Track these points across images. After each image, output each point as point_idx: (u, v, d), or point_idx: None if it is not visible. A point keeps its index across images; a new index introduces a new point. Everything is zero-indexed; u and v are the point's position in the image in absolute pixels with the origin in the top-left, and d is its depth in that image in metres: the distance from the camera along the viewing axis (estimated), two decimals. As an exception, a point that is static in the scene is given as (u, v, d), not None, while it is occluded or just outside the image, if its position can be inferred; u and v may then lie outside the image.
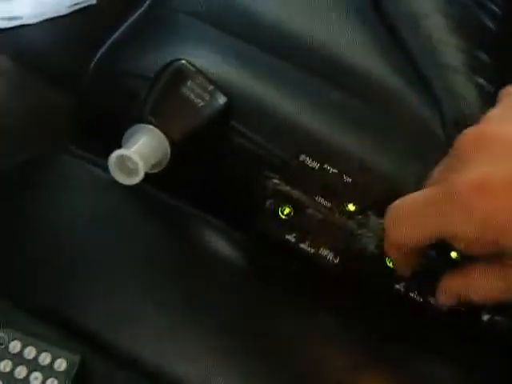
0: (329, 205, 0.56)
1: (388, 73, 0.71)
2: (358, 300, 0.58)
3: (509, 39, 0.78)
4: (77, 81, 0.71)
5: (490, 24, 0.77)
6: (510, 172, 0.42)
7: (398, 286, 0.56)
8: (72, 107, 0.72)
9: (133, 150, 0.54)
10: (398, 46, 0.74)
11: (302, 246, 0.56)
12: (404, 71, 0.72)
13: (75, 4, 0.95)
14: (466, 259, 0.50)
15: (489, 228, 0.43)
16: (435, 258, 0.52)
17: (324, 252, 0.56)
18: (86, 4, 0.94)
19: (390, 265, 0.55)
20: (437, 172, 0.50)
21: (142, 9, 0.71)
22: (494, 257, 0.46)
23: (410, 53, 0.73)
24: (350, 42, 0.72)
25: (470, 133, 0.45)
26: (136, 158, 0.53)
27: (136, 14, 0.70)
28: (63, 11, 0.96)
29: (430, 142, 0.67)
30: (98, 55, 0.66)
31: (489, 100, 0.69)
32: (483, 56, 0.74)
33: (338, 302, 0.58)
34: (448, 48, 0.73)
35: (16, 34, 0.90)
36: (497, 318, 0.56)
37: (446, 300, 0.52)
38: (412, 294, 0.55)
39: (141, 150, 0.54)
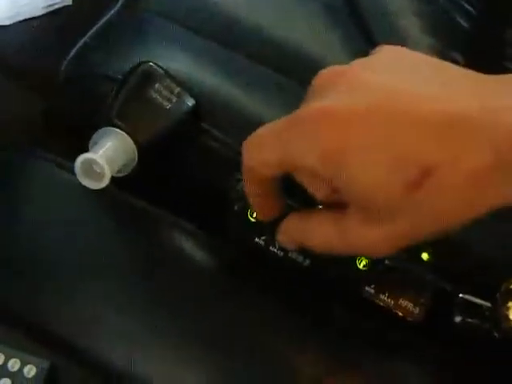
0: (297, 206, 0.56)
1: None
2: (328, 302, 0.57)
3: (483, 39, 0.78)
4: (47, 83, 0.70)
5: (465, 24, 0.77)
6: (351, 106, 0.41)
7: (367, 289, 0.55)
8: (42, 109, 0.71)
9: (99, 154, 0.53)
10: (370, 45, 0.73)
11: (271, 248, 0.56)
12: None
13: (50, 5, 0.94)
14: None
15: (327, 159, 0.42)
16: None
17: (293, 255, 0.56)
18: (61, 5, 0.93)
19: (361, 267, 0.55)
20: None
21: (113, 11, 0.71)
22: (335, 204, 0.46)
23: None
24: (322, 42, 0.72)
25: (323, 71, 0.46)
26: (102, 162, 0.52)
27: (106, 16, 0.70)
28: (38, 12, 0.95)
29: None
30: (69, 56, 0.66)
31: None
32: (457, 56, 0.74)
33: (308, 304, 0.58)
34: (422, 48, 0.73)
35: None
36: (469, 320, 0.55)
37: (286, 242, 0.51)
38: (382, 296, 0.55)
39: (107, 154, 0.53)
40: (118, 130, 0.55)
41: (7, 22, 0.94)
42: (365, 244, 0.44)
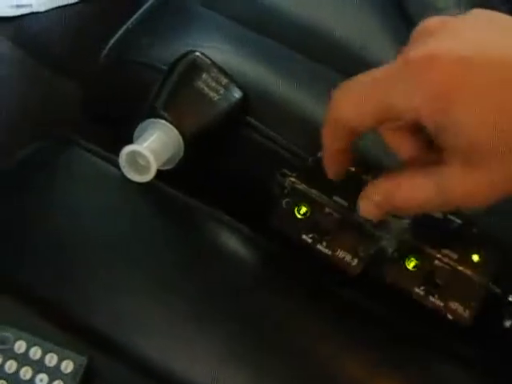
0: (346, 204, 0.55)
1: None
2: (376, 302, 0.56)
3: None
4: (86, 70, 0.69)
5: (502, 7, 0.75)
6: (458, 51, 0.41)
7: (417, 290, 0.54)
8: (81, 97, 0.70)
9: (144, 145, 0.52)
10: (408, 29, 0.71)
11: (318, 246, 0.54)
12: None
13: (85, -8, 0.93)
14: None
15: (435, 101, 0.41)
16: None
17: (341, 254, 0.54)
18: (96, -8, 0.92)
19: (410, 268, 0.54)
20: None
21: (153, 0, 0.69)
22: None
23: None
24: (368, 36, 0.70)
25: (427, 20, 0.45)
26: (148, 154, 0.51)
27: (148, 3, 0.68)
28: (72, 0, 0.94)
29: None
30: (110, 44, 0.65)
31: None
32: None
33: (356, 304, 0.56)
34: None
35: (25, 21, 0.88)
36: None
37: (368, 209, 0.49)
38: (432, 299, 0.53)
39: (153, 147, 0.52)
40: (164, 121, 0.53)
41: (42, 9, 0.93)
42: (464, 193, 0.43)
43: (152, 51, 0.63)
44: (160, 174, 0.55)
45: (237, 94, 0.56)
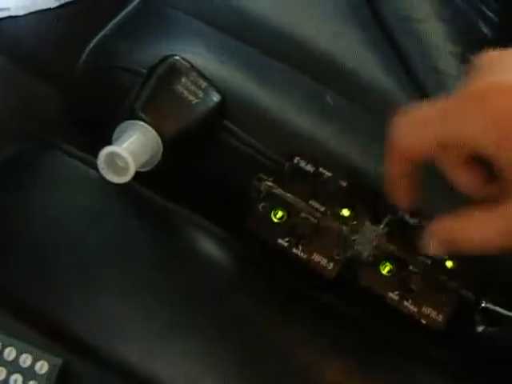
0: (322, 209, 0.55)
1: (383, 76, 0.71)
2: (352, 306, 0.56)
3: (504, 46, 0.77)
4: (65, 74, 0.69)
5: (486, 30, 0.76)
6: None
7: (391, 295, 0.54)
8: (60, 101, 0.70)
9: (123, 147, 0.52)
10: (393, 50, 0.72)
11: (294, 250, 0.55)
12: (399, 75, 0.71)
13: (64, -3, 0.93)
14: None
15: (501, 130, 0.41)
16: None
17: (317, 258, 0.55)
18: (75, -3, 0.92)
19: (385, 273, 0.54)
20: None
21: (134, 3, 0.69)
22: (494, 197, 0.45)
23: (406, 57, 0.73)
24: (346, 45, 0.71)
25: (486, 53, 0.46)
26: (126, 155, 0.51)
27: (127, 9, 0.68)
28: (52, 4, 0.94)
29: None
30: (89, 48, 0.65)
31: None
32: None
33: (332, 308, 0.57)
34: (443, 53, 0.73)
35: (3, 25, 0.88)
36: (491, 329, 0.55)
37: (433, 247, 0.48)
38: (406, 304, 0.54)
39: (131, 148, 0.52)
40: (143, 123, 0.53)
41: (21, 13, 0.93)
42: None
43: (131, 56, 0.63)
44: (138, 175, 0.55)
45: (215, 97, 0.57)
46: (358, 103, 0.67)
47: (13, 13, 0.92)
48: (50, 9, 0.92)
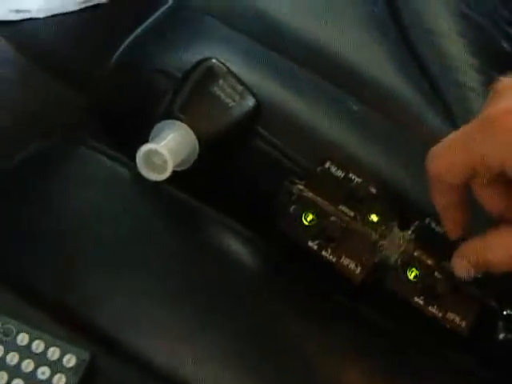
0: (352, 214, 0.56)
1: (405, 87, 0.72)
2: (377, 311, 0.57)
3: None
4: (87, 76, 0.69)
5: (506, 46, 0.78)
6: None
7: (417, 299, 0.55)
8: (82, 102, 0.71)
9: (162, 144, 0.53)
10: (415, 62, 0.74)
11: (323, 253, 0.56)
12: (421, 86, 0.73)
13: (86, 1, 0.93)
14: None
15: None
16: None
17: (345, 261, 0.56)
18: (97, 2, 0.93)
19: (411, 278, 0.55)
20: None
21: (165, 7, 0.71)
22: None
23: (427, 69, 0.74)
24: (370, 56, 0.72)
25: (503, 80, 0.48)
26: (165, 153, 0.52)
27: (158, 12, 0.70)
28: (72, 7, 0.94)
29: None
30: (121, 49, 0.66)
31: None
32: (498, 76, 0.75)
33: (357, 312, 0.58)
34: (465, 67, 0.74)
35: (26, 26, 0.89)
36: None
37: (462, 268, 0.52)
38: (431, 309, 0.55)
39: (170, 146, 0.53)
40: (180, 122, 0.54)
41: (41, 15, 0.93)
42: None
43: (164, 58, 0.64)
44: (172, 176, 0.56)
45: (251, 102, 0.58)
46: (379, 111, 0.68)
47: (33, 15, 0.93)
48: (69, 12, 0.93)
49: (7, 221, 0.59)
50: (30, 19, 0.91)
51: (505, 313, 0.56)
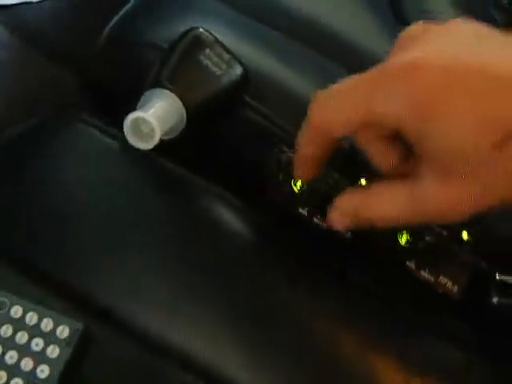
0: (337, 176, 0.56)
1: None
2: (369, 275, 0.57)
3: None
4: (80, 55, 0.70)
5: (500, 19, 0.78)
6: (442, 61, 0.41)
7: (409, 264, 0.55)
8: (77, 81, 0.71)
9: (149, 113, 0.53)
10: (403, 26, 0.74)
11: (314, 219, 0.56)
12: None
13: (78, -16, 0.94)
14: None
15: (416, 111, 0.41)
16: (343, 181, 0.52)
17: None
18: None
19: (403, 243, 0.55)
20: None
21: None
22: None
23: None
24: (362, 28, 0.73)
25: (411, 27, 0.45)
26: (152, 120, 0.52)
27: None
28: (65, -10, 0.94)
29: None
30: (111, 24, 0.66)
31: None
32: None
33: (347, 278, 0.58)
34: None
35: (18, 10, 0.89)
36: (506, 300, 0.55)
37: (339, 220, 0.48)
38: (423, 273, 0.55)
39: (157, 114, 0.53)
40: (168, 91, 0.54)
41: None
42: (438, 208, 0.43)
43: (153, 32, 0.64)
44: (160, 145, 0.56)
45: (238, 70, 0.58)
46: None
47: (27, -1, 0.93)
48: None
49: (1, 197, 0.59)
50: (24, 3, 0.91)
51: (498, 277, 0.56)
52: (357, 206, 0.47)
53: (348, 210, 0.48)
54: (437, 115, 0.41)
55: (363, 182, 0.56)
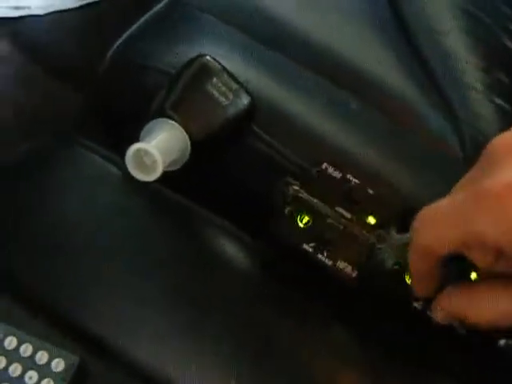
0: (349, 216, 0.55)
1: (408, 87, 0.71)
2: (374, 316, 0.56)
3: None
4: (84, 74, 0.69)
5: (509, 44, 0.77)
6: None
7: (415, 304, 0.54)
8: (80, 100, 0.70)
9: (152, 144, 0.51)
10: (418, 62, 0.72)
11: (319, 256, 0.54)
12: (424, 86, 0.71)
13: (85, -2, 0.93)
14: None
15: None
16: (454, 277, 0.50)
17: (341, 264, 0.54)
18: (95, -1, 0.92)
19: (409, 282, 0.54)
20: (465, 178, 0.48)
21: (160, 5, 0.69)
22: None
23: (430, 68, 0.72)
24: (372, 55, 0.71)
25: (502, 137, 0.44)
26: (155, 152, 0.51)
27: (154, 8, 0.68)
28: (71, 4, 0.93)
29: (447, 159, 0.66)
30: (115, 47, 0.64)
31: (507, 120, 0.69)
32: (502, 76, 0.73)
33: (353, 316, 0.56)
34: (467, 66, 0.73)
35: (22, 23, 0.88)
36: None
37: (441, 317, 0.50)
38: (429, 313, 0.53)
39: (160, 146, 0.52)
40: (172, 121, 0.53)
41: (41, 12, 0.93)
42: None
43: (159, 55, 0.63)
44: (163, 176, 0.55)
45: (245, 100, 0.57)
46: (384, 113, 0.67)
47: (33, 12, 0.92)
48: (70, 9, 0.92)
49: (1, 221, 0.58)
50: (30, 16, 0.90)
51: None
52: (462, 309, 0.48)
53: (451, 309, 0.49)
54: None
55: (371, 219, 0.55)
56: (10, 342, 0.52)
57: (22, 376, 0.51)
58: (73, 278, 0.55)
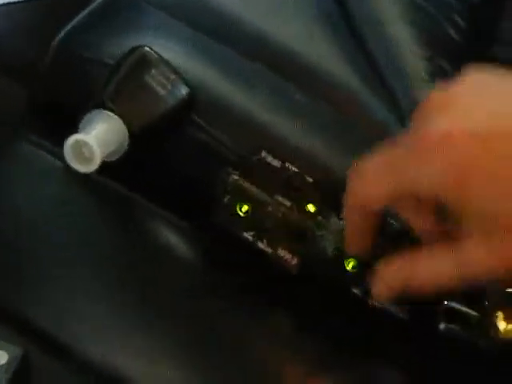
0: (288, 204, 0.55)
1: (352, 77, 0.71)
2: (315, 303, 0.56)
3: (472, 51, 0.78)
4: (29, 67, 0.68)
5: (455, 35, 0.77)
6: (472, 129, 0.41)
7: (355, 290, 0.55)
8: (28, 93, 0.69)
9: (90, 135, 0.51)
10: (362, 51, 0.73)
11: (259, 244, 0.55)
12: (367, 77, 0.71)
13: (32, -9, 0.92)
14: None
15: (451, 182, 0.41)
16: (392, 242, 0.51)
17: (282, 252, 0.55)
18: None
19: (349, 268, 0.55)
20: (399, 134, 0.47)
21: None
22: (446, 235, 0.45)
23: (374, 58, 0.73)
24: (317, 47, 0.71)
25: (433, 94, 0.44)
26: (93, 143, 0.51)
27: (96, 1, 0.68)
28: (18, -3, 0.92)
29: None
30: (57, 40, 0.64)
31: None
32: (445, 64, 0.74)
33: (300, 308, 0.57)
34: (411, 55, 0.73)
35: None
36: (453, 326, 0.55)
37: (382, 291, 0.48)
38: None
39: (98, 137, 0.52)
40: (110, 113, 0.53)
41: (-15, 6, 0.92)
42: (486, 268, 0.43)
43: (100, 47, 0.63)
44: (103, 167, 0.55)
45: (184, 90, 0.57)
46: (328, 103, 0.67)
47: (-22, 5, 0.91)
48: (19, 1, 0.91)
49: None
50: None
51: (445, 303, 0.55)
52: (404, 278, 0.47)
53: (395, 283, 0.47)
54: (473, 182, 0.41)
55: (311, 207, 0.55)
56: (-49, 335, 0.51)
57: (-38, 370, 0.51)
58: (16, 270, 0.55)
